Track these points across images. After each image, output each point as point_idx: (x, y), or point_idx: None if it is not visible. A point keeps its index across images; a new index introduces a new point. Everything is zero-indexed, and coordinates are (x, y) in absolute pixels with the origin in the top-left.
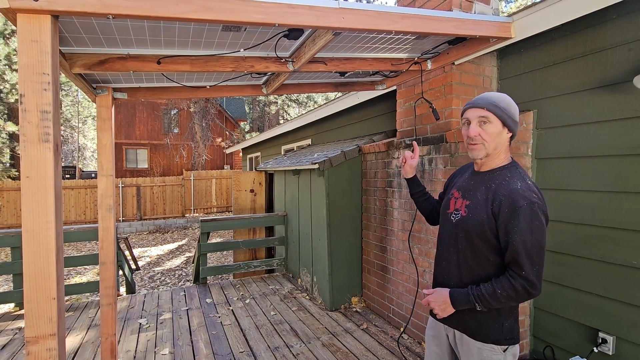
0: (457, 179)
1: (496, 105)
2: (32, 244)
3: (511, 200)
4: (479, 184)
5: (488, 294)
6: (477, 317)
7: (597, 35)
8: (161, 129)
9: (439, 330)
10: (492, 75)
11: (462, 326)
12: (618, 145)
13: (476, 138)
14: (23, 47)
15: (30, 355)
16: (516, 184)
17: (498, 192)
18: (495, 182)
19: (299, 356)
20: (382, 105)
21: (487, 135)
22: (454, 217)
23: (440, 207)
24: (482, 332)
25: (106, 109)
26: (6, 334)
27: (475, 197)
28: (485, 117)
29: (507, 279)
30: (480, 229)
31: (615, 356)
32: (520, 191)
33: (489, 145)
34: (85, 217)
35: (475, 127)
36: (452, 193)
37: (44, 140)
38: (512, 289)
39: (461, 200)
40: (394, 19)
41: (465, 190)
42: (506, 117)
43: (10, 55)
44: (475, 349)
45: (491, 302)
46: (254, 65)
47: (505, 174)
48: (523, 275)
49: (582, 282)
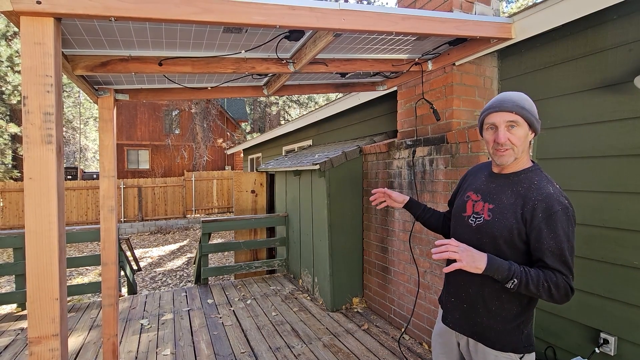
0: (472, 180)
1: (523, 107)
2: (35, 245)
3: (546, 205)
4: (503, 187)
5: (532, 277)
6: (496, 327)
7: (598, 35)
8: (162, 130)
9: (449, 337)
10: (493, 75)
11: (478, 335)
12: (619, 146)
13: (507, 143)
14: (26, 50)
15: (33, 356)
16: (548, 188)
17: (529, 197)
18: (523, 185)
19: (300, 357)
20: (383, 106)
21: (516, 139)
22: (473, 221)
23: (452, 210)
24: (501, 341)
25: (108, 110)
26: (8, 334)
27: (501, 201)
28: (514, 122)
29: (554, 275)
30: (508, 234)
31: (617, 357)
32: (555, 196)
33: (518, 149)
34: (87, 218)
35: (505, 132)
36: (468, 195)
37: (47, 141)
38: (556, 286)
39: (482, 203)
40: (395, 20)
41: (486, 193)
42: (532, 119)
43: (13, 57)
44: (492, 357)
45: (530, 286)
46: (255, 66)
47: (532, 177)
48: (564, 274)
49: (583, 283)
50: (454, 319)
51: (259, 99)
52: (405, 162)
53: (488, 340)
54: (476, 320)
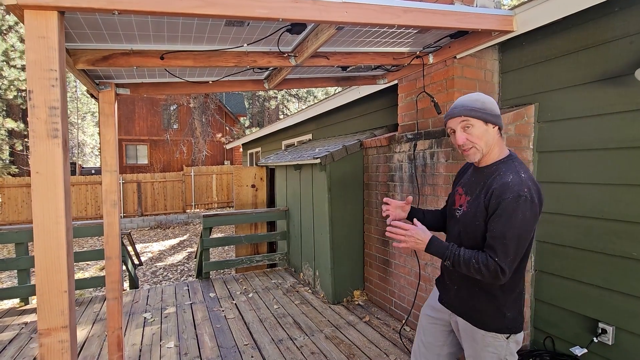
0: (462, 176)
1: (471, 108)
2: (43, 239)
3: (499, 192)
4: (478, 180)
5: (464, 258)
6: (480, 308)
7: (599, 28)
8: (161, 125)
9: (442, 315)
10: (494, 68)
11: (466, 315)
12: (619, 138)
13: (466, 143)
14: (31, 44)
15: (43, 347)
16: (508, 177)
17: (491, 186)
18: (491, 176)
19: (303, 348)
20: (383, 99)
21: (475, 137)
22: (458, 213)
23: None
24: (484, 321)
25: (109, 104)
26: (12, 328)
27: (475, 192)
28: (467, 123)
29: (485, 256)
30: (476, 222)
31: (615, 346)
32: (509, 184)
33: (481, 145)
34: (86, 213)
35: (461, 133)
36: (457, 190)
37: (53, 136)
38: (485, 266)
39: (464, 196)
40: (397, 12)
41: (468, 186)
42: (485, 115)
43: (8, 52)
44: (479, 336)
45: (462, 266)
46: (256, 60)
47: (500, 167)
48: (496, 261)
49: (582, 274)
50: (449, 299)
51: (258, 93)
52: (406, 155)
53: (474, 319)
54: (465, 300)
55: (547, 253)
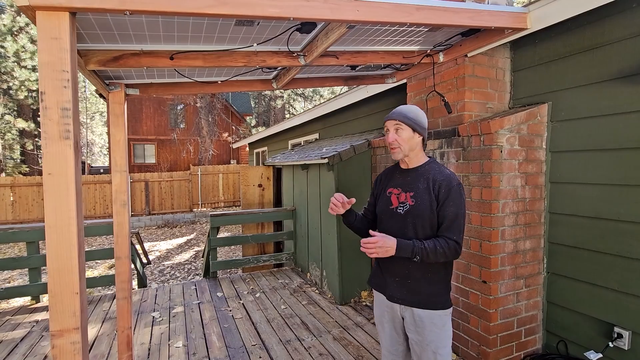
0: (387, 181)
1: (405, 115)
2: (55, 240)
3: (447, 182)
4: (416, 177)
5: (430, 248)
6: (432, 290)
7: (616, 25)
8: (168, 124)
9: (394, 314)
10: (505, 67)
11: (421, 303)
12: (635, 138)
13: (394, 143)
14: (43, 45)
15: (56, 349)
16: (445, 171)
17: (436, 179)
18: (429, 173)
19: (311, 349)
20: (392, 98)
21: (402, 140)
22: (401, 210)
23: (376, 209)
24: (438, 301)
25: (119, 105)
26: (24, 326)
27: (418, 188)
28: (399, 126)
29: (444, 240)
30: (429, 210)
31: (631, 351)
32: (451, 176)
33: (405, 147)
34: (94, 212)
35: (392, 134)
36: (390, 191)
37: (65, 137)
38: (448, 248)
39: (404, 194)
40: (410, 10)
41: (404, 185)
42: (414, 124)
43: (19, 52)
44: (437, 317)
45: (430, 255)
46: (265, 59)
47: (433, 166)
48: (454, 239)
49: (597, 277)
50: (397, 293)
51: (264, 93)
52: None
53: (432, 303)
54: (415, 289)
55: (560, 255)
